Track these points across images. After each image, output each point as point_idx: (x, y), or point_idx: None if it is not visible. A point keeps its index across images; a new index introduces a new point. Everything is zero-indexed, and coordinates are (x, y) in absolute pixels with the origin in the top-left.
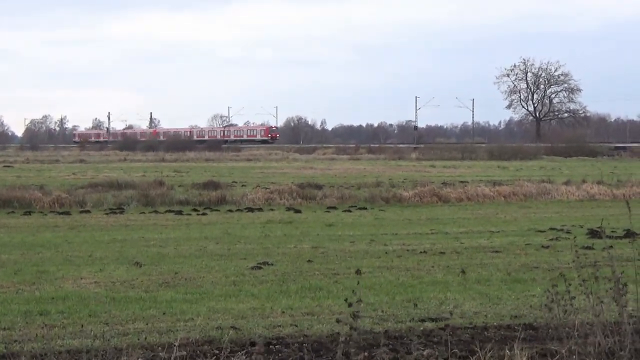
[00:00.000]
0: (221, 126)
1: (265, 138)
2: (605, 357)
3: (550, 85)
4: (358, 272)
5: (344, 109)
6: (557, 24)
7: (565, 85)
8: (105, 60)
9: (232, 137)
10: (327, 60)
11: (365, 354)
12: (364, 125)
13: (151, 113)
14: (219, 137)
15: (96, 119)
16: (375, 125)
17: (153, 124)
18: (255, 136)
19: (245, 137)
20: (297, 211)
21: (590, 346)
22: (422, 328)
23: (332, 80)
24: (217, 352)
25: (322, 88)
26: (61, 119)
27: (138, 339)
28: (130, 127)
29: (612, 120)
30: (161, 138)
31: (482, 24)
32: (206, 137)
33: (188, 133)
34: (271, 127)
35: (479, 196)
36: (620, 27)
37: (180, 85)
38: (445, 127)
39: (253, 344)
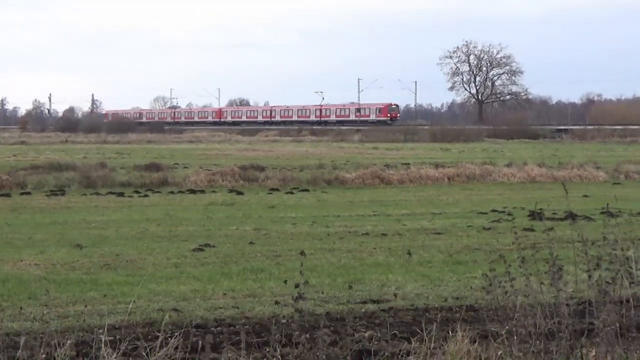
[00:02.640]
0: (317, 105)
1: (384, 118)
2: (545, 339)
3: (493, 67)
4: (302, 253)
5: (287, 91)
6: (500, 8)
7: (508, 67)
8: (46, 42)
9: (332, 117)
10: (271, 43)
11: (307, 335)
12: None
13: (93, 94)
14: (312, 117)
15: (36, 100)
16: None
17: (95, 106)
18: (369, 115)
19: (352, 117)
20: (240, 193)
21: (530, 327)
22: (363, 310)
23: (276, 63)
24: (158, 334)
25: (265, 71)
26: (1, 101)
27: (77, 322)
28: (71, 109)
29: (554, 102)
30: (243, 118)
31: (425, 7)
32: (277, 117)
33: (267, 112)
34: (391, 104)
35: (421, 178)
36: (562, 11)
37: (122, 67)
38: None
39: (194, 326)
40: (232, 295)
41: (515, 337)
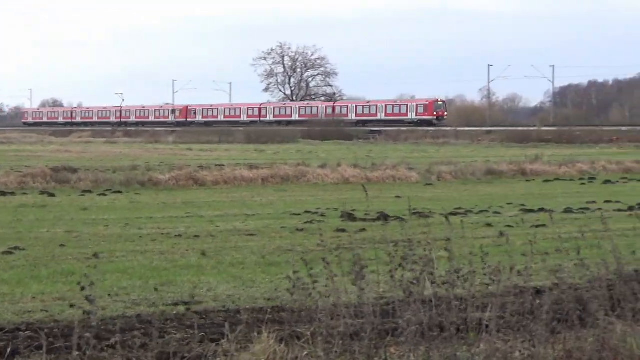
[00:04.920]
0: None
1: (429, 117)
2: (350, 339)
3: (307, 69)
4: (95, 256)
5: (101, 92)
6: (314, 9)
7: (322, 69)
8: None
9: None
10: (84, 43)
11: (116, 338)
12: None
13: None
14: (379, 115)
15: None
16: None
17: None
18: (406, 114)
19: (382, 117)
20: (51, 195)
21: (339, 328)
22: (175, 312)
23: (89, 63)
24: None
25: (77, 71)
26: None
27: None
28: None
29: None
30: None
31: (241, 7)
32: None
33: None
34: (437, 100)
35: (235, 179)
36: (377, 13)
37: None
38: None
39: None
40: (42, 298)
41: (321, 338)
